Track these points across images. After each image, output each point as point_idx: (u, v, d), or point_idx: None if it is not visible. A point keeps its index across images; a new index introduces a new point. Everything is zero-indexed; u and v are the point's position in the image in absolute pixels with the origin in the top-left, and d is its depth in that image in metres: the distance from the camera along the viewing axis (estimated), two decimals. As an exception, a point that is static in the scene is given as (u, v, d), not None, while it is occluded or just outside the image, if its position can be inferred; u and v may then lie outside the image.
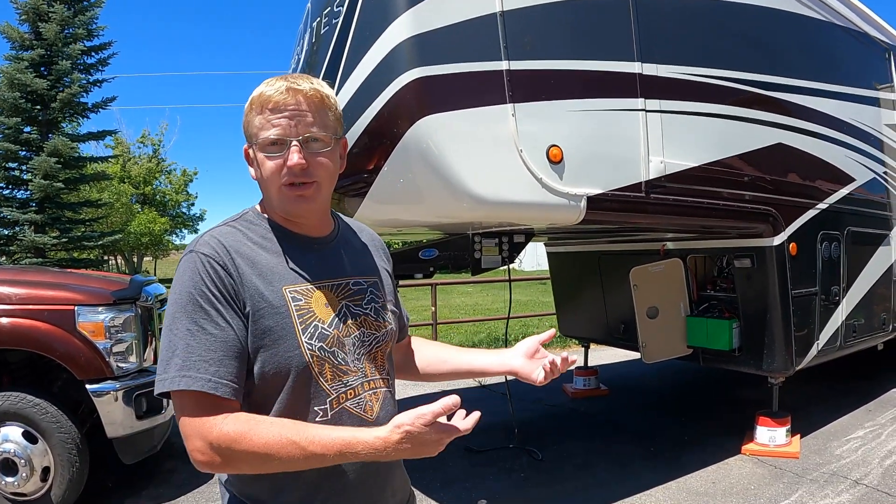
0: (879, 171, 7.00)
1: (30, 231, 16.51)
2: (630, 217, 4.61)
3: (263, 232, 1.63)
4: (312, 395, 1.55)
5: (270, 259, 1.59)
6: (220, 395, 1.44)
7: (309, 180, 1.58)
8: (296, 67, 5.03)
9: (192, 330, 1.46)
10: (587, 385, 8.20)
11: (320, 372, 1.56)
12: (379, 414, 1.64)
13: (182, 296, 1.49)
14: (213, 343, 1.46)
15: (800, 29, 5.95)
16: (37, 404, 4.55)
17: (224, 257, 1.52)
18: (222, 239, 1.56)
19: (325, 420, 1.55)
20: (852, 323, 6.58)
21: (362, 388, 1.63)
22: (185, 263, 1.53)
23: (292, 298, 1.56)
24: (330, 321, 1.59)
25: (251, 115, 1.58)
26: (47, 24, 17.14)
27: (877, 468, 5.40)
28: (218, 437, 1.42)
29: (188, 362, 1.44)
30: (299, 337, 1.53)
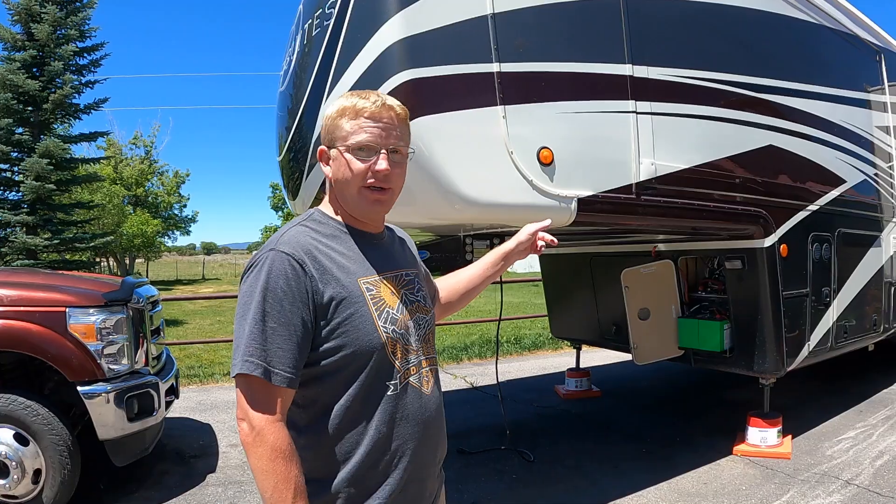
0: (870, 173, 7.03)
1: (21, 233, 16.42)
2: (621, 219, 4.61)
3: (333, 230, 1.82)
4: (386, 371, 1.75)
5: (344, 254, 1.78)
6: (273, 382, 1.60)
7: (387, 186, 1.80)
8: (287, 69, 5.03)
9: (258, 320, 1.62)
10: (579, 386, 8.22)
11: (392, 351, 1.76)
12: (431, 389, 1.89)
13: (257, 288, 1.65)
14: (273, 336, 1.62)
15: (791, 31, 5.97)
16: (28, 406, 4.54)
17: (303, 255, 1.68)
18: (301, 238, 1.74)
19: (395, 393, 1.77)
20: (843, 324, 6.60)
21: (421, 365, 1.86)
22: (265, 259, 1.68)
23: (367, 289, 1.75)
24: (397, 307, 1.81)
25: (341, 120, 1.77)
26: (39, 25, 17.06)
27: (868, 468, 5.42)
28: (260, 428, 1.60)
29: (250, 349, 1.61)
30: (376, 321, 1.74)
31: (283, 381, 1.61)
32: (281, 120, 5.18)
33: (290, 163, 4.96)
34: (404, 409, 1.78)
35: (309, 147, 4.50)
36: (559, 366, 9.79)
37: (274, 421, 1.61)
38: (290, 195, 5.19)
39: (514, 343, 12.33)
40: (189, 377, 9.67)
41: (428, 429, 1.84)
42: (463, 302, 2.41)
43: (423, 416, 1.83)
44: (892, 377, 8.63)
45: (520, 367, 10.19)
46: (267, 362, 1.60)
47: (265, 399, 1.62)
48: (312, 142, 4.42)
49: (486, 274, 2.38)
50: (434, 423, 1.88)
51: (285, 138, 5.00)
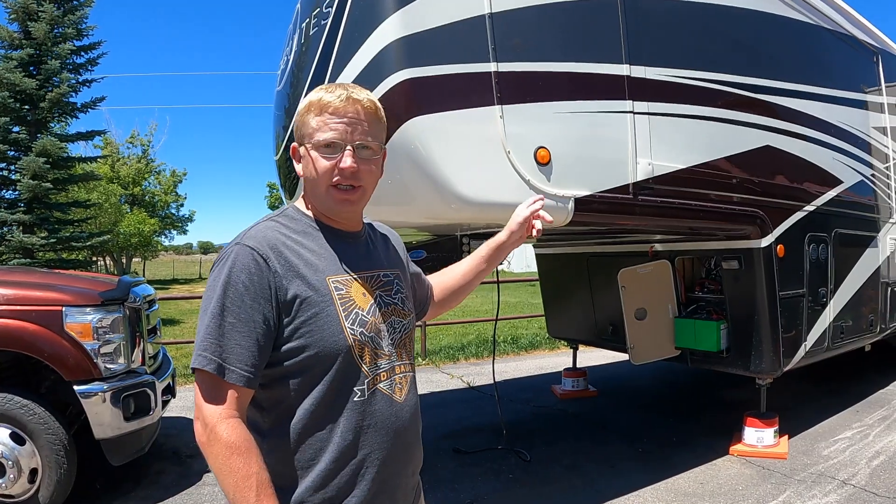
0: (867, 174, 7.05)
1: (18, 231, 16.39)
2: (618, 219, 4.62)
3: (304, 227, 1.76)
4: (352, 376, 1.67)
5: (314, 251, 1.71)
6: (227, 379, 1.55)
7: (357, 184, 1.73)
8: (284, 68, 5.02)
9: (216, 315, 1.58)
10: (575, 386, 8.23)
11: (360, 355, 1.69)
12: (405, 396, 1.80)
13: (219, 282, 1.60)
14: (231, 331, 1.57)
15: (788, 32, 5.98)
16: (24, 405, 4.54)
17: (267, 250, 1.63)
18: (268, 233, 1.68)
19: (362, 399, 1.68)
20: (840, 324, 6.61)
21: (393, 371, 1.77)
22: (229, 253, 1.64)
23: (335, 288, 1.68)
24: (368, 309, 1.73)
25: (307, 116, 1.71)
26: (37, 24, 17.03)
27: (864, 468, 5.43)
28: (212, 426, 1.53)
29: (205, 343, 1.57)
30: (342, 322, 1.66)
31: (239, 380, 1.56)
32: (278, 119, 5.18)
33: (288, 162, 4.96)
34: (372, 417, 1.70)
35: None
36: (556, 365, 9.79)
37: (227, 416, 1.54)
38: (287, 194, 5.19)
39: (510, 343, 12.33)
40: (186, 376, 9.63)
41: (399, 438, 1.76)
42: (456, 300, 2.36)
43: (394, 425, 1.74)
44: (888, 377, 8.65)
45: (516, 367, 10.20)
46: (222, 358, 1.55)
47: (218, 396, 1.56)
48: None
49: (478, 269, 2.33)
50: (407, 432, 1.79)
51: (282, 137, 5.00)
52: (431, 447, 6.15)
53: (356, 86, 1.77)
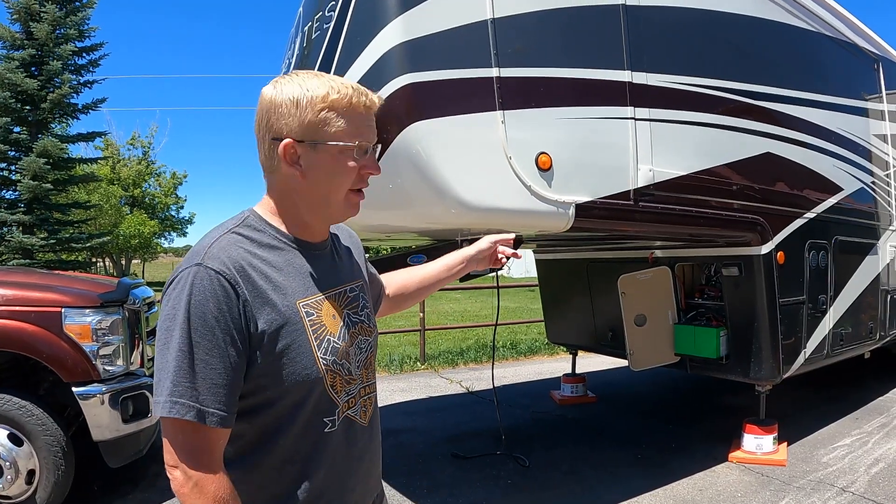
0: (867, 181, 7.05)
1: (18, 232, 16.42)
2: (618, 225, 4.61)
3: (270, 240, 1.55)
4: (324, 407, 1.55)
5: (281, 270, 1.52)
6: (208, 425, 1.38)
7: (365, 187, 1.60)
8: (286, 71, 5.02)
9: (185, 351, 1.37)
10: (575, 392, 8.21)
11: (332, 384, 1.55)
12: (369, 419, 1.69)
13: (181, 311, 1.39)
14: (204, 368, 1.38)
15: (789, 39, 5.99)
16: (22, 407, 4.53)
17: (234, 273, 1.43)
18: (232, 252, 1.47)
19: (333, 430, 1.57)
20: (839, 331, 6.61)
21: (359, 394, 1.65)
22: (188, 276, 1.41)
23: (306, 313, 1.52)
24: (339, 334, 1.58)
25: (328, 115, 1.48)
26: (39, 24, 17.09)
27: (863, 476, 5.42)
28: (198, 477, 1.38)
29: (178, 388, 1.37)
30: (315, 352, 1.51)
31: (220, 422, 1.39)
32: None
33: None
34: (342, 445, 1.60)
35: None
36: (555, 371, 9.78)
37: (213, 468, 1.40)
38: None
39: (510, 348, 12.32)
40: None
41: (363, 462, 1.67)
42: (412, 300, 2.24)
43: (359, 449, 1.65)
44: (887, 385, 8.64)
45: (515, 372, 10.18)
46: (200, 402, 1.36)
47: (201, 445, 1.39)
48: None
49: (441, 276, 2.22)
50: (369, 454, 1.71)
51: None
52: (430, 452, 6.14)
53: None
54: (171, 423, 1.38)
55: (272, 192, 1.59)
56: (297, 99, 1.48)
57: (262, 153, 1.55)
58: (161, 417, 1.38)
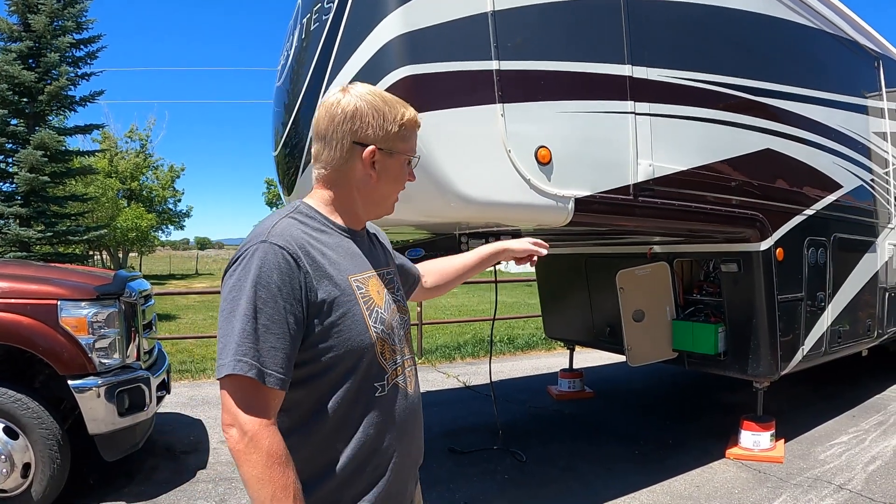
0: (866, 179, 7.04)
1: (15, 224, 16.34)
2: (617, 219, 4.60)
3: (320, 226, 1.73)
4: (375, 372, 1.70)
5: (334, 250, 1.70)
6: (266, 384, 1.50)
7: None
8: (285, 64, 5.00)
9: (250, 317, 1.51)
10: (572, 387, 8.21)
11: (381, 351, 1.71)
12: (413, 388, 1.87)
13: (248, 282, 1.54)
14: (266, 333, 1.51)
15: (790, 36, 5.97)
16: (18, 400, 4.51)
17: (296, 249, 1.59)
18: (292, 231, 1.64)
19: (383, 395, 1.72)
20: (837, 329, 6.60)
21: (404, 365, 1.82)
22: (255, 251, 1.57)
23: (357, 287, 1.69)
24: (384, 306, 1.76)
25: (411, 131, 1.81)
26: (36, 16, 16.99)
27: (860, 473, 5.42)
28: (253, 433, 1.49)
29: (242, 348, 1.49)
30: (367, 320, 1.67)
31: (277, 383, 1.51)
32: (277, 115, 5.15)
33: (286, 158, 4.94)
34: (392, 411, 1.74)
35: (305, 143, 4.47)
36: (552, 366, 9.78)
37: (268, 425, 1.51)
38: (285, 191, 5.16)
39: (507, 343, 12.33)
40: (181, 372, 9.63)
41: (410, 429, 1.82)
42: (447, 288, 2.44)
43: (407, 417, 1.80)
44: (885, 383, 8.65)
45: (513, 367, 10.18)
46: (260, 363, 1.49)
47: (258, 402, 1.51)
48: (309, 137, 4.39)
49: (476, 266, 2.44)
50: (416, 422, 1.87)
51: (281, 134, 4.98)
52: (427, 446, 6.10)
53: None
54: (232, 382, 1.51)
55: (332, 185, 1.78)
56: (384, 113, 1.73)
57: (332, 152, 1.74)
58: (223, 378, 1.51)
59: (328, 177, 1.77)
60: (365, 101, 1.72)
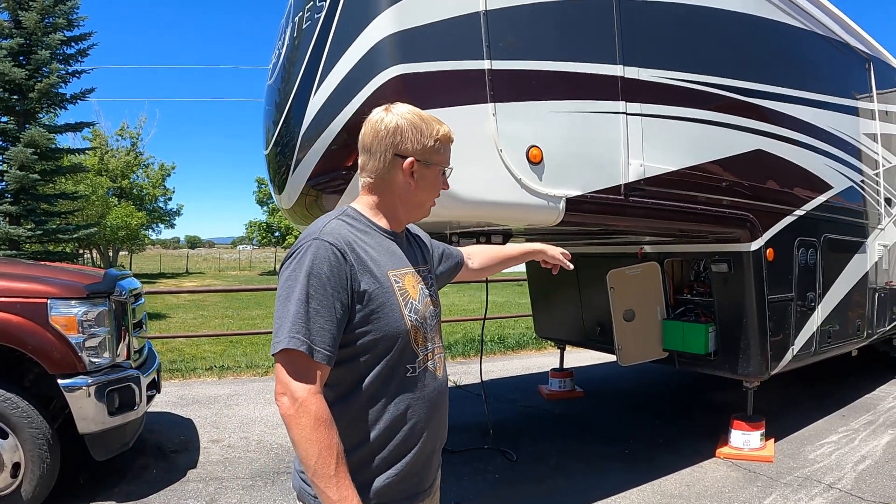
0: (857, 180, 7.07)
1: (4, 222, 16.27)
2: (608, 219, 4.61)
3: (364, 227, 1.98)
4: (407, 355, 1.93)
5: (375, 248, 1.94)
6: (315, 358, 1.74)
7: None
8: (276, 62, 4.99)
9: (303, 301, 1.76)
10: (562, 387, 8.23)
11: (414, 338, 1.95)
12: (442, 373, 2.09)
13: (302, 272, 1.78)
14: (316, 316, 1.76)
15: (781, 37, 5.99)
16: (7, 399, 4.49)
17: (344, 246, 1.84)
18: (341, 230, 1.89)
19: (413, 376, 1.95)
20: (827, 329, 6.63)
21: (434, 352, 2.05)
22: (308, 247, 1.82)
23: (394, 280, 1.93)
24: (418, 299, 1.99)
25: (444, 145, 2.03)
26: (27, 13, 16.93)
27: (850, 472, 5.45)
28: (303, 400, 1.73)
29: (296, 327, 1.74)
30: (402, 310, 1.91)
31: (324, 359, 1.76)
32: (268, 114, 5.14)
33: (277, 157, 4.93)
34: (422, 390, 1.97)
35: (296, 141, 4.46)
36: (543, 366, 9.79)
37: (315, 392, 1.74)
38: (276, 189, 5.15)
39: (497, 342, 12.33)
40: (171, 371, 9.61)
41: (438, 410, 2.04)
42: (491, 271, 2.80)
43: (436, 398, 2.02)
44: (874, 382, 8.70)
45: (503, 367, 10.19)
46: (310, 340, 1.74)
47: (307, 373, 1.75)
48: (300, 136, 4.38)
49: (517, 258, 2.88)
50: (443, 403, 2.08)
51: (273, 132, 4.96)
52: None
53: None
54: (286, 356, 1.75)
55: (376, 192, 2.02)
56: (422, 129, 1.97)
57: (376, 162, 1.98)
58: (278, 353, 1.75)
59: (373, 184, 2.01)
60: (405, 119, 1.96)
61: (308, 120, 4.22)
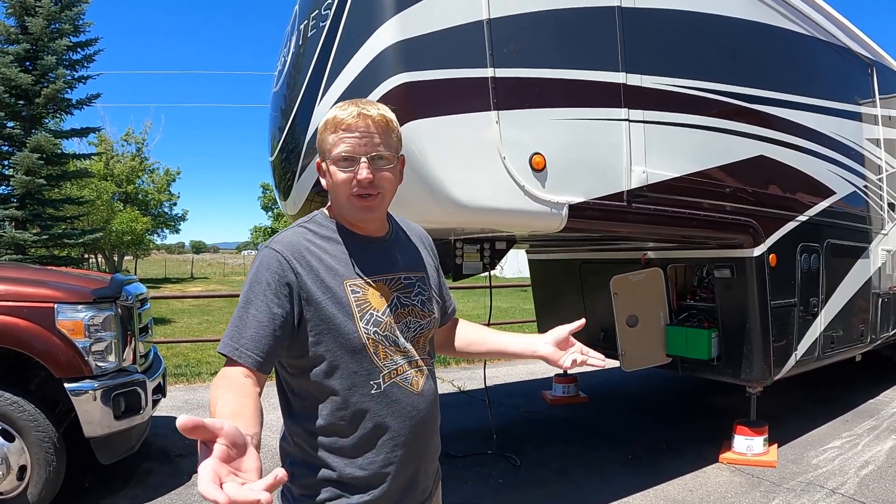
0: (860, 185, 7.08)
1: (10, 227, 16.32)
2: (611, 226, 4.63)
3: (330, 233, 1.90)
4: (368, 370, 1.83)
5: (335, 256, 1.86)
6: (241, 362, 1.69)
7: (374, 192, 1.85)
8: (282, 69, 5.02)
9: (243, 307, 1.76)
10: (566, 392, 8.24)
11: (375, 352, 1.84)
12: (423, 388, 1.95)
13: (248, 279, 1.80)
14: (251, 321, 1.73)
15: (784, 43, 6.01)
16: (14, 402, 4.52)
17: (290, 254, 1.80)
18: (293, 239, 1.85)
19: (379, 392, 1.84)
20: (830, 334, 6.64)
21: (408, 366, 1.92)
22: (260, 255, 1.83)
23: (352, 291, 1.84)
24: (383, 310, 1.87)
25: (325, 133, 1.85)
26: (34, 19, 16.99)
27: (853, 478, 5.45)
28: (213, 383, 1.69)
29: (230, 331, 1.75)
30: (357, 322, 1.81)
31: (252, 363, 1.69)
32: (274, 120, 5.17)
33: (283, 163, 4.96)
34: (391, 407, 1.86)
35: (302, 148, 4.49)
36: (547, 371, 9.79)
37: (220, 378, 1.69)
38: (281, 195, 5.18)
39: (502, 347, 12.30)
40: (176, 376, 9.64)
41: (418, 427, 1.92)
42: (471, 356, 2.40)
43: (412, 414, 1.90)
44: (878, 387, 8.69)
45: (507, 372, 10.20)
46: (240, 343, 1.71)
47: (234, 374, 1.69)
48: (305, 143, 4.42)
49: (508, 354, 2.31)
50: (426, 421, 1.96)
51: (278, 139, 5.00)
52: (421, 450, 6.14)
53: (369, 101, 1.90)
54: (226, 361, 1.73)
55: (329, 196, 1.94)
56: (320, 125, 1.87)
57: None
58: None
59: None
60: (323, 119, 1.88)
61: (313, 127, 4.25)
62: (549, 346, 2.18)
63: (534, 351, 2.21)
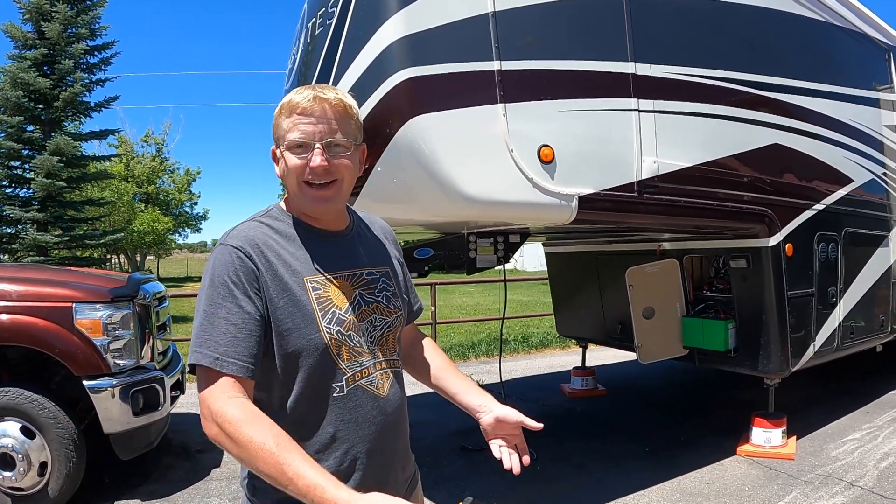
0: (878, 172, 7.00)
1: (32, 230, 16.52)
2: (623, 217, 4.61)
3: (286, 227, 1.78)
4: (330, 373, 1.71)
5: (293, 252, 1.74)
6: (224, 371, 1.58)
7: (329, 180, 1.73)
8: (292, 67, 5.05)
9: (209, 312, 1.62)
10: (584, 385, 8.22)
11: (338, 353, 1.72)
12: (389, 392, 1.82)
13: (206, 280, 1.66)
14: (224, 325, 1.60)
15: (798, 29, 5.95)
16: (35, 400, 4.60)
17: (249, 248, 1.68)
18: (250, 233, 1.72)
19: (342, 395, 1.72)
20: (850, 324, 6.57)
21: (374, 367, 1.79)
22: (215, 253, 1.70)
23: (312, 288, 1.71)
24: (346, 308, 1.75)
25: (280, 118, 1.73)
26: (50, 24, 17.17)
27: (872, 470, 5.40)
28: (216, 411, 1.55)
29: (199, 339, 1.61)
30: (319, 321, 1.69)
31: (239, 370, 1.59)
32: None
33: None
34: (354, 412, 1.74)
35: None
36: (566, 364, 9.78)
37: (230, 398, 1.56)
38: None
39: (521, 341, 12.33)
40: (196, 373, 9.71)
41: (384, 432, 1.80)
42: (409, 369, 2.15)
43: (377, 419, 1.78)
44: (899, 378, 8.60)
45: (527, 366, 10.20)
46: (218, 352, 1.58)
47: (219, 387, 1.58)
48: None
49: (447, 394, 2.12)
50: (392, 426, 1.83)
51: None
52: (439, 445, 6.17)
53: (326, 85, 1.80)
54: (199, 372, 1.61)
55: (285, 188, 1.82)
56: (276, 110, 1.76)
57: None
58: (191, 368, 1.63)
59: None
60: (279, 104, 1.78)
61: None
62: (490, 419, 2.01)
63: (475, 416, 2.04)
